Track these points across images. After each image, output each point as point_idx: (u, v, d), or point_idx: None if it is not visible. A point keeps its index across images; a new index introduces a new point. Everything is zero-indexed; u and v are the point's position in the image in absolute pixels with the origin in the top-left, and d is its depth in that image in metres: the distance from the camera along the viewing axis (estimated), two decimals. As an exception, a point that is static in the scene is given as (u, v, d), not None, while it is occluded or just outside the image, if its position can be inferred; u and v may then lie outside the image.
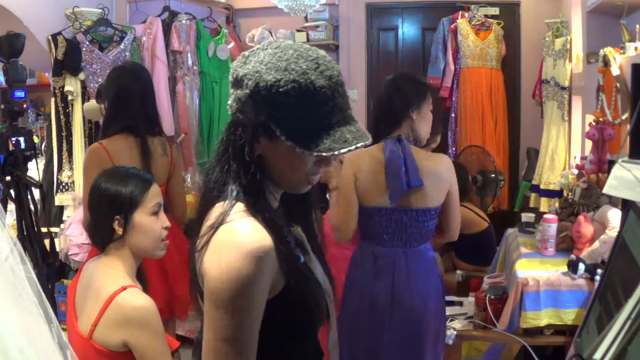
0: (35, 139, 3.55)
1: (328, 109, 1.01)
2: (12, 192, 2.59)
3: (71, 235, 3.13)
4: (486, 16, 4.19)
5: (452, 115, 4.27)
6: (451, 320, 2.40)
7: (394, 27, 4.50)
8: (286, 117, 1.01)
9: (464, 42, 4.15)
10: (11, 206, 2.64)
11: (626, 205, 1.57)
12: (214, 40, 4.04)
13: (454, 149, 4.25)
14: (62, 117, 3.42)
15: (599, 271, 2.07)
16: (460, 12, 4.23)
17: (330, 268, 1.25)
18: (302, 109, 1.00)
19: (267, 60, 1.01)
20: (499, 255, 2.83)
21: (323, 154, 1.00)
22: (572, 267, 2.13)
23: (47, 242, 2.76)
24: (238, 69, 1.05)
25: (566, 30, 3.51)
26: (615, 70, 2.32)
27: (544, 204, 3.54)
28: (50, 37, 3.35)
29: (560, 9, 3.72)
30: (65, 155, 3.43)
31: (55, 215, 3.46)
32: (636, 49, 2.24)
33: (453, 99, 4.26)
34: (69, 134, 3.43)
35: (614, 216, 2.15)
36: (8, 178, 2.58)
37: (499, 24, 4.20)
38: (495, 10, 4.23)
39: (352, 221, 2.14)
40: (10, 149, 2.57)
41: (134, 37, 3.56)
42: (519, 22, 4.26)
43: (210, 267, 1.01)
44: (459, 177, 2.25)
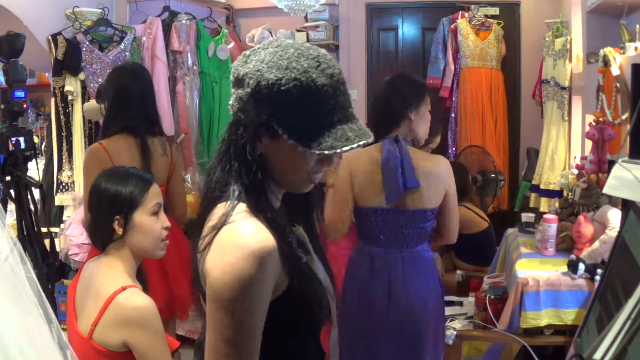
0: (35, 139, 3.55)
1: (329, 107, 1.01)
2: (12, 192, 2.59)
3: (71, 235, 3.13)
4: (486, 16, 4.19)
5: (452, 115, 4.26)
6: (451, 320, 2.40)
7: (394, 27, 4.50)
8: (288, 115, 1.00)
9: (464, 42, 4.15)
10: (11, 206, 2.64)
11: (626, 205, 1.57)
12: (214, 40, 4.03)
13: (454, 149, 4.25)
14: (62, 117, 3.42)
15: (599, 271, 2.07)
16: (460, 12, 4.23)
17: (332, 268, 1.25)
18: (304, 107, 1.00)
19: (268, 59, 1.01)
20: (499, 255, 2.82)
21: (325, 152, 1.00)
22: (572, 267, 2.13)
23: (47, 242, 2.76)
24: (239, 68, 1.05)
25: (566, 30, 3.51)
26: (615, 70, 2.32)
27: (544, 204, 3.53)
28: (50, 37, 3.34)
29: (560, 9, 3.72)
30: (65, 155, 3.43)
31: (55, 215, 3.46)
32: (636, 49, 2.24)
33: (453, 99, 4.26)
34: (69, 134, 3.43)
35: (614, 216, 2.15)
36: (8, 178, 2.58)
37: (499, 24, 4.19)
38: (495, 10, 4.22)
39: (347, 220, 2.15)
40: (10, 149, 2.57)
41: (134, 37, 3.56)
42: (519, 22, 4.25)
43: (212, 267, 1.00)
44: (459, 177, 2.25)
